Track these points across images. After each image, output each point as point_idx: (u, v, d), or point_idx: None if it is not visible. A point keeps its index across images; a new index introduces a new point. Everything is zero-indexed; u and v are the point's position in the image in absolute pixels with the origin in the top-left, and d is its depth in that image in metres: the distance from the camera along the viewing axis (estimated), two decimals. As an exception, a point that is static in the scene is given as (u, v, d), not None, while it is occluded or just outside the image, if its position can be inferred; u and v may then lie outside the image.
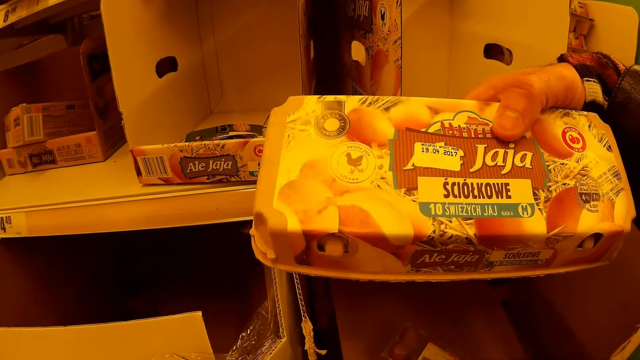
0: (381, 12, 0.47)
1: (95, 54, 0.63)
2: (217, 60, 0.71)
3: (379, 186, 0.26)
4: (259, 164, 0.48)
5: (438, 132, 0.28)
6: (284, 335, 0.44)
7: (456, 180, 0.26)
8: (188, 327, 0.47)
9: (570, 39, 0.75)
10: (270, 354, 0.43)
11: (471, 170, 0.27)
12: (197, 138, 0.58)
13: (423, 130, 0.28)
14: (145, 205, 0.52)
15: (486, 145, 0.28)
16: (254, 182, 0.50)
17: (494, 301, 0.79)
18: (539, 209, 0.26)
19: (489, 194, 0.26)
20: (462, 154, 0.27)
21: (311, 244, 0.25)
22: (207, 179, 0.50)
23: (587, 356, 0.64)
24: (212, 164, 0.49)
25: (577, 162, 0.29)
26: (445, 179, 0.26)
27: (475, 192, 0.26)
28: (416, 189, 0.26)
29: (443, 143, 0.28)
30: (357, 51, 0.57)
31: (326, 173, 0.26)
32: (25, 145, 0.63)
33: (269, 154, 0.27)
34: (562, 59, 0.34)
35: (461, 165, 0.27)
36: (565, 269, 0.29)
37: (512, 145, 0.28)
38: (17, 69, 0.73)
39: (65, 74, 0.77)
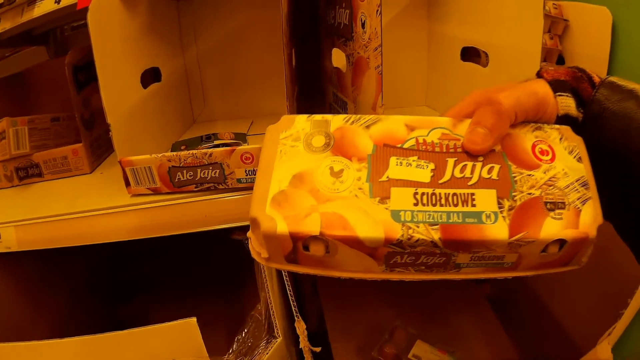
0: (362, 20, 0.48)
1: (80, 65, 0.63)
2: (199, 69, 0.71)
3: (356, 196, 0.29)
4: (245, 171, 0.50)
5: (412, 147, 0.31)
6: (279, 335, 0.45)
7: (425, 190, 0.29)
8: (184, 333, 0.48)
9: (545, 39, 0.77)
10: (267, 354, 0.44)
11: (440, 181, 0.30)
12: (182, 147, 0.59)
13: (399, 146, 0.31)
14: (135, 215, 0.52)
15: (456, 158, 0.31)
16: (241, 189, 0.51)
17: (479, 297, 0.81)
18: (503, 216, 0.29)
19: (455, 202, 0.29)
20: (433, 167, 0.30)
21: (297, 245, 0.29)
22: (196, 187, 0.51)
23: (574, 346, 0.66)
24: (200, 173, 0.50)
25: (545, 173, 0.31)
26: (416, 190, 0.29)
27: (443, 201, 0.29)
28: (389, 198, 0.29)
29: (416, 157, 0.31)
30: (338, 58, 0.58)
31: (312, 184, 0.30)
32: (12, 159, 0.63)
33: (264, 167, 0.31)
34: (538, 75, 0.36)
35: (431, 177, 0.30)
36: (534, 272, 0.31)
37: (480, 159, 0.31)
38: (1, 81, 0.73)
39: (48, 86, 0.77)
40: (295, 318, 0.44)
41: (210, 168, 0.50)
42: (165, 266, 0.86)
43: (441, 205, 0.29)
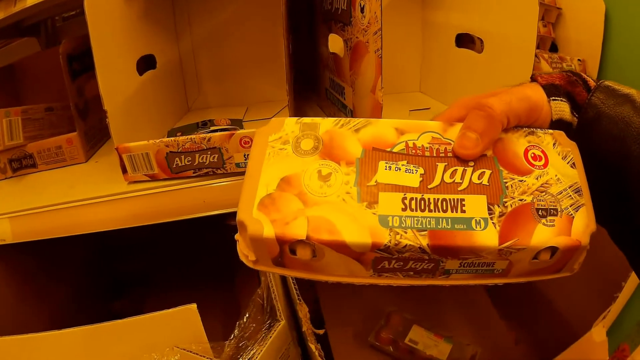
0: (360, 5, 0.48)
1: (75, 54, 0.62)
2: (193, 57, 0.71)
3: (344, 200, 0.29)
4: (244, 155, 0.50)
5: (402, 151, 0.31)
6: (282, 318, 0.45)
7: (414, 195, 0.29)
8: (184, 319, 0.48)
9: (539, 26, 0.78)
10: (271, 337, 0.44)
11: (429, 186, 0.29)
12: (178, 134, 0.59)
13: (388, 149, 0.31)
14: (132, 203, 0.52)
15: (446, 163, 0.30)
16: (240, 174, 0.51)
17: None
18: (493, 222, 0.28)
19: (444, 208, 0.28)
20: (423, 172, 0.30)
21: (284, 249, 0.28)
22: (194, 172, 0.51)
23: (570, 329, 0.66)
24: (199, 158, 0.50)
25: (537, 179, 0.30)
26: (404, 194, 0.29)
27: (432, 207, 0.28)
28: (377, 202, 0.29)
29: (405, 162, 0.30)
30: (335, 43, 0.59)
31: (299, 187, 0.30)
32: (5, 150, 0.62)
33: (252, 169, 0.31)
34: (532, 79, 0.36)
35: (420, 182, 0.30)
36: (525, 278, 0.31)
37: (471, 164, 0.30)
38: (-7, 73, 0.72)
39: (41, 77, 0.77)
40: (297, 301, 0.44)
41: (209, 153, 0.50)
42: (159, 259, 0.85)
43: (430, 210, 0.28)
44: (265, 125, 0.33)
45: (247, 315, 0.44)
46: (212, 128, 0.59)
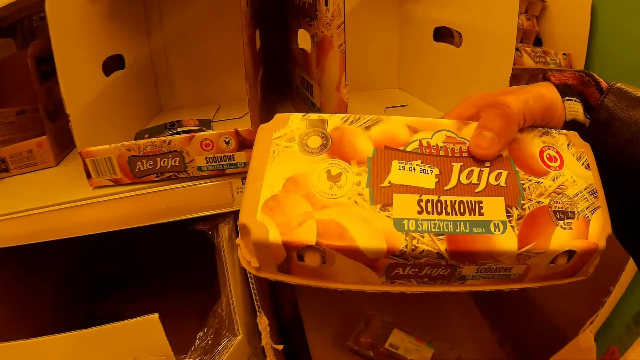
0: (324, -3, 0.46)
1: (44, 56, 0.61)
2: (165, 56, 0.70)
3: (356, 202, 0.27)
4: (206, 158, 0.48)
5: (416, 150, 0.29)
6: (239, 333, 0.43)
7: (430, 197, 0.27)
8: (146, 330, 0.46)
9: (522, 20, 0.75)
10: (227, 352, 0.42)
11: (446, 188, 0.28)
12: (146, 136, 0.57)
13: (401, 148, 0.29)
14: (96, 209, 0.51)
15: (462, 163, 0.29)
16: (203, 178, 0.50)
17: None
18: (512, 226, 0.27)
19: (462, 211, 0.27)
20: (438, 172, 0.28)
21: (291, 255, 0.27)
22: (156, 177, 0.50)
23: (557, 333, 0.65)
24: (160, 161, 0.49)
25: (553, 180, 0.29)
26: (420, 196, 0.27)
27: (449, 209, 0.27)
28: (391, 205, 0.27)
29: (420, 161, 0.29)
30: (304, 39, 0.57)
31: (307, 188, 0.28)
32: (-24, 155, 0.61)
33: (255, 169, 0.29)
34: (544, 77, 0.35)
35: (436, 183, 0.28)
36: (540, 283, 0.30)
37: (487, 164, 0.29)
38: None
39: (17, 78, 0.75)
40: (257, 313, 0.42)
41: (170, 156, 0.48)
42: (140, 261, 0.84)
43: (447, 213, 0.27)
44: (269, 122, 0.31)
45: (206, 327, 0.43)
46: (179, 129, 0.57)
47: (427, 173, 0.28)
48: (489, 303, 0.76)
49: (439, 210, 0.27)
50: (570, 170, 0.30)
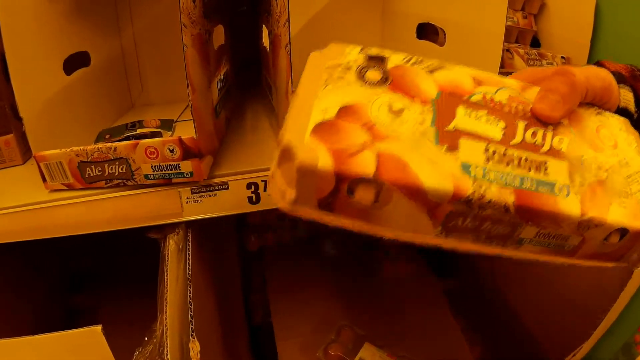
0: (275, -10, 0.43)
1: (11, 52, 0.60)
2: (136, 51, 0.67)
3: (420, 139, 0.25)
4: (152, 166, 0.46)
5: (480, 102, 0.28)
6: (168, 359, 0.40)
7: (497, 148, 0.26)
8: (89, 342, 0.45)
9: (518, 17, 0.70)
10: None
11: (512, 142, 0.27)
12: (106, 136, 0.56)
13: (466, 97, 0.28)
14: (50, 213, 0.50)
15: (526, 122, 0.28)
16: (151, 186, 0.48)
17: (438, 295, 0.77)
18: (575, 192, 0.26)
19: (528, 167, 0.26)
20: (504, 126, 0.27)
21: (341, 187, 0.24)
22: (105, 183, 0.48)
23: (542, 356, 0.63)
24: (108, 168, 0.47)
25: (610, 157, 0.29)
26: (487, 145, 0.26)
27: (515, 163, 0.26)
28: (457, 149, 0.25)
29: (485, 112, 0.27)
30: (266, 36, 0.54)
31: (365, 118, 0.25)
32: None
33: (304, 93, 0.26)
34: (598, 64, 0.35)
35: (502, 135, 0.27)
36: (588, 262, 0.29)
37: (550, 127, 0.28)
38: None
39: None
40: (191, 338, 0.40)
41: (117, 163, 0.46)
42: (116, 254, 0.83)
43: (514, 167, 0.25)
44: (322, 50, 0.29)
45: (141, 347, 0.41)
46: (139, 130, 0.55)
47: (493, 124, 0.27)
48: (469, 319, 0.73)
49: (506, 162, 0.26)
50: (623, 152, 0.29)
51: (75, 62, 0.57)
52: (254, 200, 0.48)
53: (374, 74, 0.27)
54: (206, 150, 0.46)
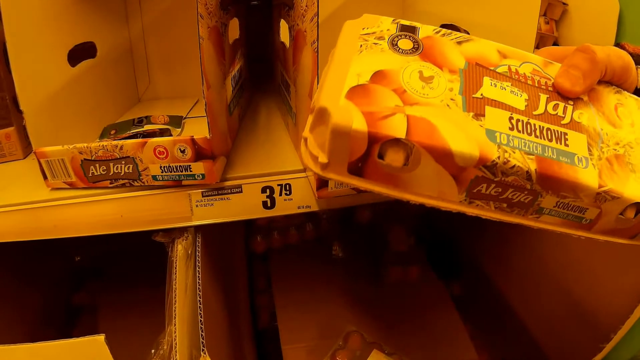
0: (300, -17, 0.40)
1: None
2: (144, 43, 0.65)
3: (448, 106, 0.26)
4: (160, 167, 0.44)
5: (505, 73, 0.29)
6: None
7: (520, 117, 0.27)
8: (92, 351, 0.43)
9: (540, 23, 0.68)
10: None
11: (534, 112, 0.28)
12: (112, 132, 0.53)
13: (492, 68, 0.29)
14: (50, 212, 0.47)
15: (548, 96, 0.29)
16: (158, 187, 0.45)
17: (445, 300, 0.75)
18: (592, 164, 0.27)
19: (549, 137, 0.27)
20: (527, 97, 0.28)
21: (372, 149, 0.25)
22: (110, 183, 0.46)
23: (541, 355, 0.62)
24: (113, 167, 0.44)
25: (627, 134, 0.29)
26: (511, 114, 0.27)
27: (537, 133, 0.27)
28: (484, 116, 0.26)
29: (510, 83, 0.29)
30: (284, 31, 0.51)
31: (397, 83, 0.26)
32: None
33: (340, 58, 0.28)
34: (619, 45, 0.35)
35: (525, 106, 0.28)
36: (605, 237, 0.30)
37: (571, 102, 0.29)
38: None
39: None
40: (202, 353, 0.37)
41: (123, 162, 0.44)
42: (117, 251, 0.81)
43: (536, 136, 0.27)
44: (356, 19, 0.31)
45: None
46: (146, 126, 0.53)
47: (517, 95, 0.28)
48: (475, 325, 0.71)
49: (529, 131, 0.27)
50: None
51: (80, 53, 0.55)
52: (269, 205, 0.45)
53: (405, 43, 0.29)
54: (219, 151, 0.44)
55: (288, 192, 0.45)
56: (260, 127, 0.57)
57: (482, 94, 0.27)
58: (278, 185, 0.45)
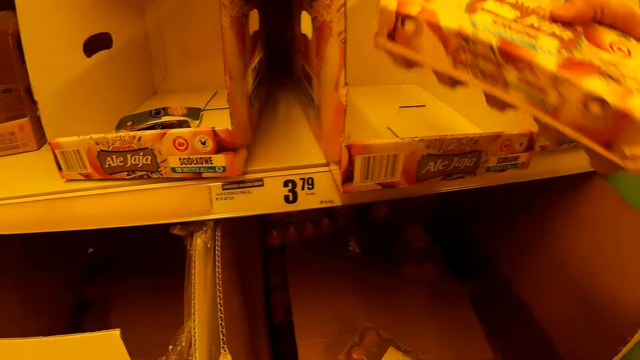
0: (324, -27, 0.39)
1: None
2: (160, 35, 0.63)
3: (454, 7, 0.34)
4: (180, 159, 0.42)
5: (510, 1, 0.34)
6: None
7: (504, 21, 0.33)
8: (106, 345, 0.42)
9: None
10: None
11: (517, 20, 0.33)
12: (128, 124, 0.52)
13: None
14: (64, 205, 0.46)
15: (540, 18, 0.33)
16: (177, 180, 0.44)
17: (462, 299, 0.74)
18: (557, 58, 0.30)
19: (522, 34, 0.32)
20: (519, 15, 0.33)
21: (398, 21, 0.35)
22: (127, 174, 0.45)
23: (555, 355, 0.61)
24: (131, 159, 0.43)
25: (613, 56, 0.30)
26: (497, 17, 0.33)
27: (512, 28, 0.32)
28: (475, 14, 0.33)
29: (510, 6, 0.34)
30: (305, 23, 0.50)
31: None
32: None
33: None
34: None
35: (514, 18, 0.33)
36: (576, 133, 0.30)
37: (559, 25, 0.32)
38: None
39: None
40: (222, 350, 0.36)
41: (141, 154, 0.43)
42: (130, 243, 0.80)
43: (510, 30, 0.32)
44: None
45: (164, 357, 0.37)
46: (163, 118, 0.52)
47: (511, 12, 0.33)
48: (488, 324, 0.70)
49: (505, 26, 0.32)
50: (634, 62, 0.30)
51: (96, 44, 0.54)
52: (291, 199, 0.44)
53: None
54: (240, 143, 0.43)
55: (310, 187, 0.44)
56: (280, 119, 0.56)
57: (483, 7, 0.34)
58: (300, 179, 0.43)
